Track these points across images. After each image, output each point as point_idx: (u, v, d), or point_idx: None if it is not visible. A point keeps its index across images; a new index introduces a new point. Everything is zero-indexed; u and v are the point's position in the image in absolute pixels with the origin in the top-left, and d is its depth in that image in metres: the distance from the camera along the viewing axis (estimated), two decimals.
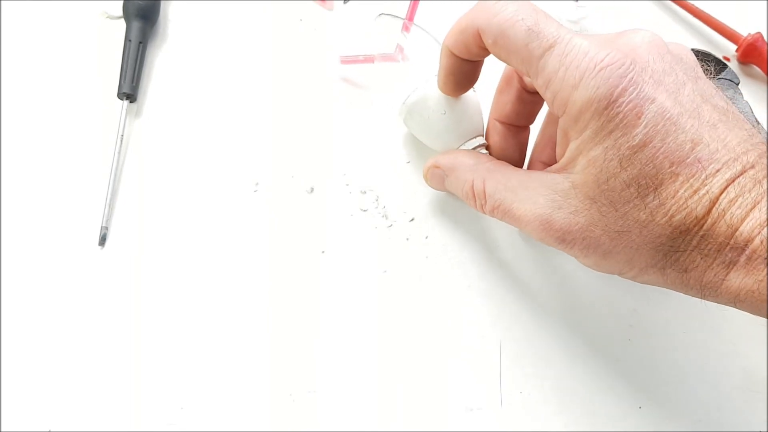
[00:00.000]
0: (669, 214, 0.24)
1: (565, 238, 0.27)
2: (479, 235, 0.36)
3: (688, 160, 0.24)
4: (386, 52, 0.38)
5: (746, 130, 0.25)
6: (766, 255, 0.23)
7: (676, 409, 0.33)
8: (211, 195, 0.36)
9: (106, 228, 0.35)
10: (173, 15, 0.42)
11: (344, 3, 0.43)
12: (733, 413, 0.33)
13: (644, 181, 0.24)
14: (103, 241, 0.34)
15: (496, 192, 0.30)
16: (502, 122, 0.34)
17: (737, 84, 0.41)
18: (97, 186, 0.35)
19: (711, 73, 0.41)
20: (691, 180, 0.24)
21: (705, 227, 0.24)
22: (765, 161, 0.24)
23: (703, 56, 0.41)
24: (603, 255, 0.26)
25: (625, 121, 0.24)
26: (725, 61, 0.42)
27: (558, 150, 0.30)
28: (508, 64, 0.29)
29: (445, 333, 0.33)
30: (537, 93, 0.31)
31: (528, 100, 0.33)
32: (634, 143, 0.24)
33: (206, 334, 0.33)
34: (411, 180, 0.37)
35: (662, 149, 0.24)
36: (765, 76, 0.44)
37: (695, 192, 0.24)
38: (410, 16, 0.42)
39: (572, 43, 0.25)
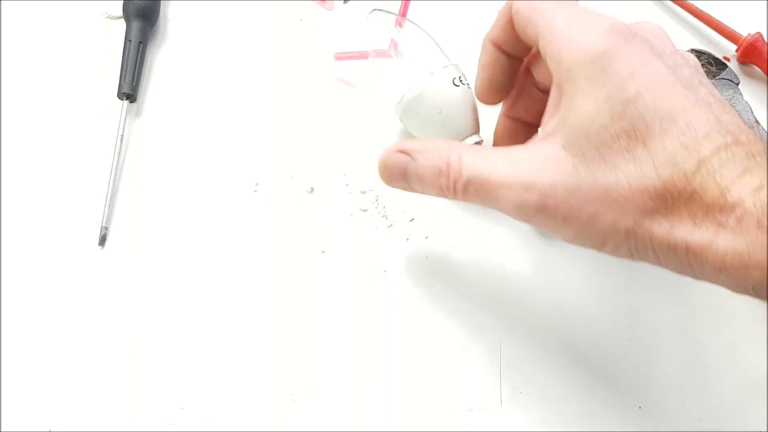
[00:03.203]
0: (657, 167, 0.24)
1: (547, 204, 0.26)
2: (479, 236, 0.36)
3: (680, 121, 0.24)
4: (380, 48, 0.38)
5: (741, 120, 0.25)
6: (758, 217, 0.22)
7: (676, 409, 0.33)
8: (212, 195, 0.36)
9: (106, 228, 0.35)
10: (173, 15, 0.42)
11: (344, 3, 0.43)
12: (733, 413, 0.33)
13: (634, 134, 0.24)
14: (103, 241, 0.34)
15: (473, 163, 0.28)
16: (511, 118, 0.34)
17: (737, 84, 0.41)
18: (97, 186, 0.35)
19: (711, 73, 0.41)
20: (682, 138, 0.24)
21: (694, 185, 0.23)
22: (758, 141, 0.24)
23: (703, 56, 0.41)
24: (588, 219, 0.25)
25: (619, 75, 0.24)
26: (725, 61, 0.42)
27: (545, 117, 0.29)
28: (525, 39, 0.29)
29: (445, 333, 0.33)
30: (547, 92, 0.31)
31: (538, 98, 0.33)
32: (626, 96, 0.24)
33: (206, 334, 0.33)
34: None
35: (654, 106, 0.24)
36: (765, 76, 0.44)
37: (685, 148, 0.23)
38: (403, 12, 0.42)
39: (586, 8, 0.27)
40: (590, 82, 0.25)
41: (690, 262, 0.24)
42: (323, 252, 0.35)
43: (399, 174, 0.30)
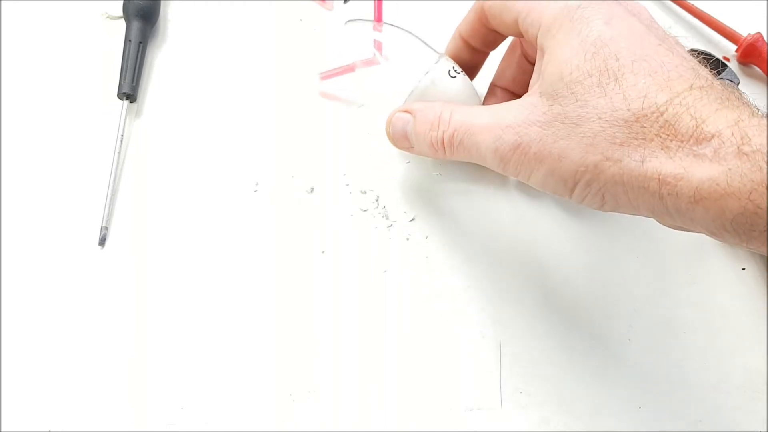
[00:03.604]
0: (628, 100, 0.24)
1: (521, 142, 0.26)
2: (479, 235, 0.36)
3: (652, 62, 0.24)
4: (365, 57, 0.37)
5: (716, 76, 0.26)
6: (738, 146, 0.22)
7: (676, 409, 0.33)
8: (212, 195, 0.36)
9: (106, 228, 0.35)
10: (173, 15, 0.42)
11: (344, 3, 0.43)
12: (733, 413, 0.33)
13: (606, 71, 0.25)
14: (103, 241, 0.34)
15: (461, 116, 0.29)
16: (500, 87, 0.36)
17: (737, 84, 0.41)
18: (97, 186, 0.35)
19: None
20: (654, 76, 0.24)
21: (666, 115, 0.23)
22: (735, 90, 0.24)
23: (703, 56, 0.41)
24: (558, 155, 0.25)
25: (594, 22, 0.25)
26: (725, 62, 0.42)
27: (531, 80, 0.30)
28: (501, 28, 0.31)
29: (445, 333, 0.33)
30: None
31: (527, 70, 0.34)
32: (600, 39, 0.25)
33: (206, 334, 0.33)
34: (411, 180, 0.37)
35: (626, 47, 0.25)
36: (765, 77, 0.44)
37: (657, 84, 0.24)
38: (378, 17, 0.42)
39: None
40: (566, 33, 0.26)
41: (662, 194, 0.23)
42: (323, 252, 0.35)
43: (401, 133, 0.32)
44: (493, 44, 0.35)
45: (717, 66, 0.41)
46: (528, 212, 0.37)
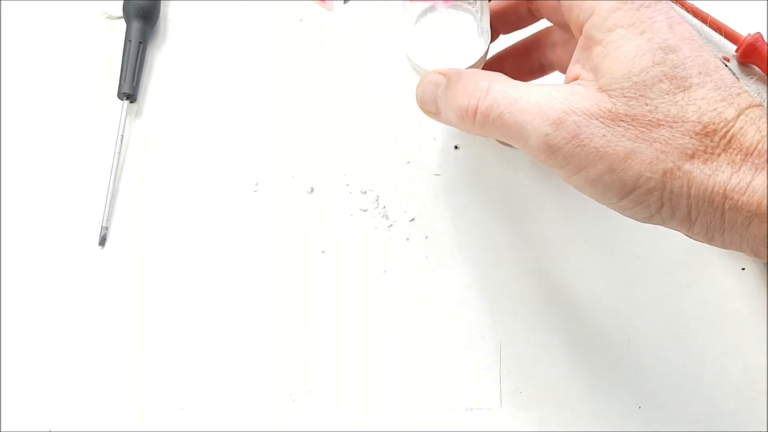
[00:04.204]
0: (700, 111, 0.24)
1: (581, 133, 0.24)
2: (479, 236, 0.36)
3: (715, 75, 0.24)
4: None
5: None
6: None
7: (676, 409, 0.33)
8: (212, 195, 0.36)
9: (106, 228, 0.35)
10: (173, 15, 0.42)
11: (344, 3, 0.43)
12: (733, 413, 0.33)
13: (676, 80, 0.24)
14: (103, 241, 0.34)
15: (503, 87, 0.26)
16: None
17: None
18: (97, 186, 0.35)
19: None
20: (719, 90, 0.24)
21: (734, 129, 0.23)
22: None
23: None
24: (625, 155, 0.24)
25: (656, 26, 0.25)
26: (725, 62, 0.42)
27: (572, 69, 0.28)
28: None
29: (445, 333, 0.33)
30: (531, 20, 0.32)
31: (525, 18, 0.33)
32: (667, 44, 0.25)
33: (206, 334, 0.33)
34: (411, 180, 0.37)
35: (691, 58, 0.25)
36: (765, 77, 0.44)
37: (724, 99, 0.24)
38: None
39: None
40: (629, 29, 0.25)
41: (725, 208, 0.23)
42: (323, 252, 0.35)
43: (431, 95, 0.29)
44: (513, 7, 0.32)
45: None
46: (528, 212, 0.37)
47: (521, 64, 0.35)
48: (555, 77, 0.34)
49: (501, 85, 0.27)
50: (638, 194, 0.25)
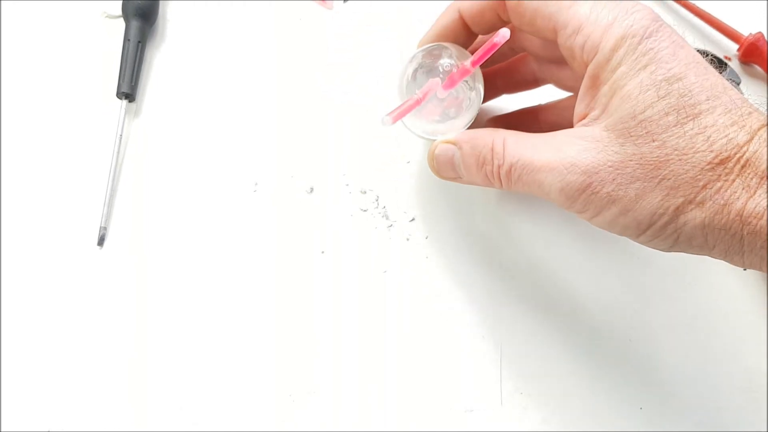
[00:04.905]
0: (710, 140, 0.24)
1: (592, 182, 0.25)
2: (480, 236, 0.36)
3: (723, 98, 0.24)
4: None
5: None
6: None
7: (677, 409, 0.33)
8: (211, 195, 0.36)
9: (105, 228, 0.34)
10: (172, 15, 0.42)
11: (344, 3, 0.43)
12: (733, 413, 0.33)
13: (684, 110, 0.24)
14: (101, 241, 0.34)
15: (517, 148, 0.28)
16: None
17: (738, 84, 0.41)
18: (96, 186, 0.35)
19: None
20: (729, 114, 0.24)
21: (747, 154, 0.23)
22: None
23: (703, 56, 0.41)
24: (636, 196, 0.25)
25: (659, 56, 0.25)
26: (726, 61, 0.42)
27: (579, 108, 0.28)
28: (524, 27, 0.29)
29: (445, 333, 0.33)
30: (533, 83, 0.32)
31: (530, 80, 0.35)
32: (670, 75, 0.24)
33: (206, 335, 0.33)
34: (411, 180, 0.37)
35: (698, 84, 0.24)
36: (766, 76, 0.43)
37: (734, 123, 0.24)
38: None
39: None
40: (632, 65, 0.25)
41: (743, 234, 0.23)
42: (323, 252, 0.35)
43: (447, 164, 0.31)
44: (486, 31, 0.32)
45: (719, 65, 0.41)
46: (528, 213, 0.37)
47: (514, 77, 0.36)
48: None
49: (513, 144, 0.28)
50: (654, 230, 0.25)
